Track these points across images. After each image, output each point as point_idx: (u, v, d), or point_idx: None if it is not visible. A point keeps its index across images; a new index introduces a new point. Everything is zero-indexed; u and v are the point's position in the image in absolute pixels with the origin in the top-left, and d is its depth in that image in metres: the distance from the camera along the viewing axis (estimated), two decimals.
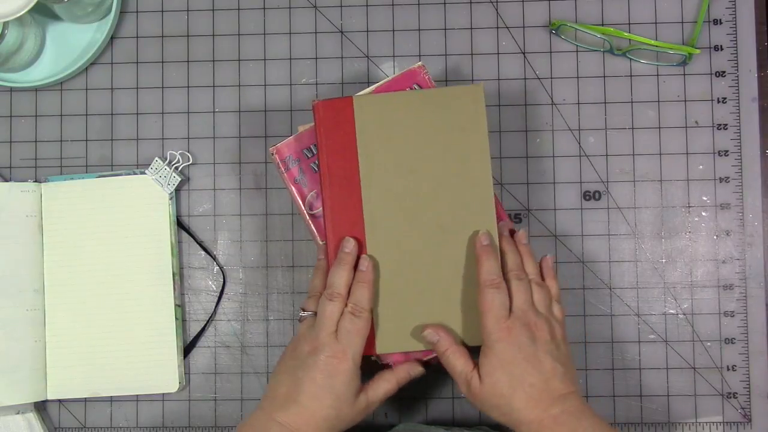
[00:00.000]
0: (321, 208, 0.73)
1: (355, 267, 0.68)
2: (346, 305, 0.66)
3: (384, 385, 0.68)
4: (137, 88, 0.82)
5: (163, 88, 0.82)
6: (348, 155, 0.69)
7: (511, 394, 0.63)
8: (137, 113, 0.82)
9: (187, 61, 0.82)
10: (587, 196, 0.80)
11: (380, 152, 0.69)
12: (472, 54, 0.81)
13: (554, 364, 0.64)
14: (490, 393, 0.63)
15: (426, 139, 0.69)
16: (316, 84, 0.81)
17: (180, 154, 0.80)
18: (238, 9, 0.82)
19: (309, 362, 0.64)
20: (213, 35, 0.82)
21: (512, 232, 0.71)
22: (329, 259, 0.69)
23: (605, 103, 0.81)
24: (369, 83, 0.79)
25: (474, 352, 0.67)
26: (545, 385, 0.63)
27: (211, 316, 0.80)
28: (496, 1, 0.82)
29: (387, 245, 0.69)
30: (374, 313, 0.68)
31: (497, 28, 0.81)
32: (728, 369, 0.78)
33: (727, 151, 0.80)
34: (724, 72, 0.80)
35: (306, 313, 0.68)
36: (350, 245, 0.68)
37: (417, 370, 0.69)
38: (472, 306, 0.68)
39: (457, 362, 0.66)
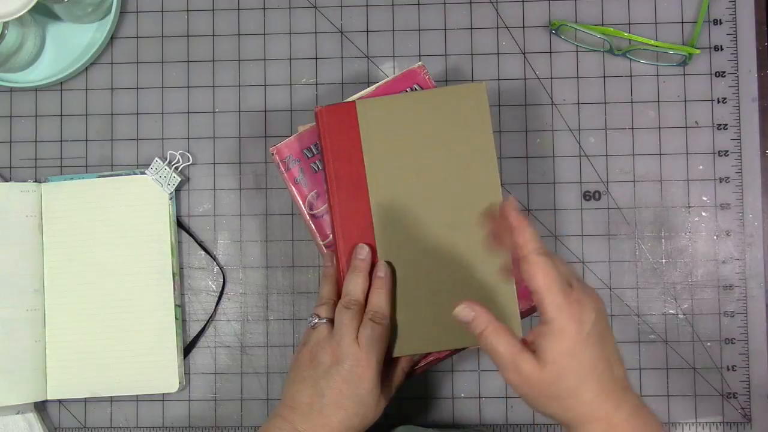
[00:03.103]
0: (321, 209, 0.73)
1: (369, 273, 0.67)
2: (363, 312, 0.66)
3: (395, 380, 0.68)
4: (137, 88, 0.82)
5: (163, 88, 0.82)
6: (354, 160, 0.69)
7: (578, 385, 0.53)
8: (137, 113, 0.82)
9: (187, 61, 0.82)
10: (587, 196, 0.80)
11: (386, 155, 0.69)
12: (472, 54, 0.81)
13: (615, 346, 0.55)
14: (552, 382, 0.53)
15: (431, 140, 0.69)
16: (316, 84, 0.81)
17: (180, 154, 0.80)
18: (238, 9, 0.82)
19: (332, 372, 0.63)
20: (213, 35, 0.82)
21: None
22: (341, 267, 0.69)
23: (605, 103, 0.80)
24: (369, 83, 0.79)
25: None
26: (611, 373, 0.54)
27: (211, 316, 0.80)
28: (496, 1, 0.81)
29: (397, 248, 0.68)
30: None
31: (497, 28, 0.81)
32: (728, 369, 0.78)
33: (727, 151, 0.80)
34: (724, 72, 0.80)
35: (319, 321, 0.67)
36: (364, 252, 0.67)
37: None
38: (487, 304, 0.68)
39: (500, 343, 0.55)
